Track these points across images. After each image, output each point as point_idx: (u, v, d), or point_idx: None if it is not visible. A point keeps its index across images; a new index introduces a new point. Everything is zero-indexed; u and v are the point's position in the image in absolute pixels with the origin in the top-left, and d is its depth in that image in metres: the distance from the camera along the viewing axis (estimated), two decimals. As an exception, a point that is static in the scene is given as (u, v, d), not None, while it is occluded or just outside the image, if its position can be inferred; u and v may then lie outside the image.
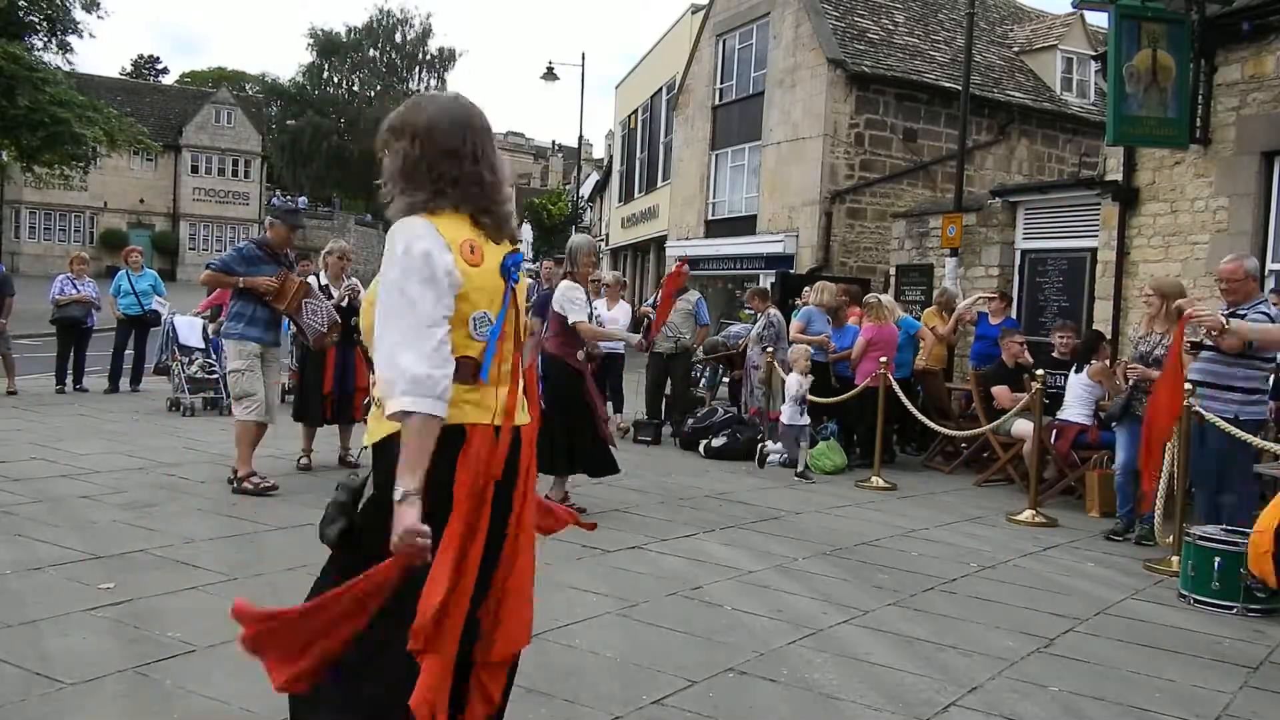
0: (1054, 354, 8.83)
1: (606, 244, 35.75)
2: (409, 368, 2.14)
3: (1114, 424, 6.98)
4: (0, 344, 10.89)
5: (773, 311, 10.38)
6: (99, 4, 26.96)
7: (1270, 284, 8.50)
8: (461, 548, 2.20)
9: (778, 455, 9.21)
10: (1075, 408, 7.94)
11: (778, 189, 18.88)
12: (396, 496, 2.10)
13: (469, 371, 2.28)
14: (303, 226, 7.51)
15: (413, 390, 2.13)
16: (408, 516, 2.08)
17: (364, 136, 56.79)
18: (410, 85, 60.93)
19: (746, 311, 13.02)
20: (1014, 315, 11.07)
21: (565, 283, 6.46)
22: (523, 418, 2.43)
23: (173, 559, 4.89)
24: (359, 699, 2.29)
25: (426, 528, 2.09)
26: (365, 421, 2.41)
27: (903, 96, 17.96)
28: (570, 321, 6.30)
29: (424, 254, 2.21)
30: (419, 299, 2.19)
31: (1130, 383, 6.75)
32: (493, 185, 2.37)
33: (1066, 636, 4.51)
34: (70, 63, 28.50)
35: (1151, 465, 5.92)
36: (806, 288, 11.12)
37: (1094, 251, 10.79)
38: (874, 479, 8.38)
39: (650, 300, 11.27)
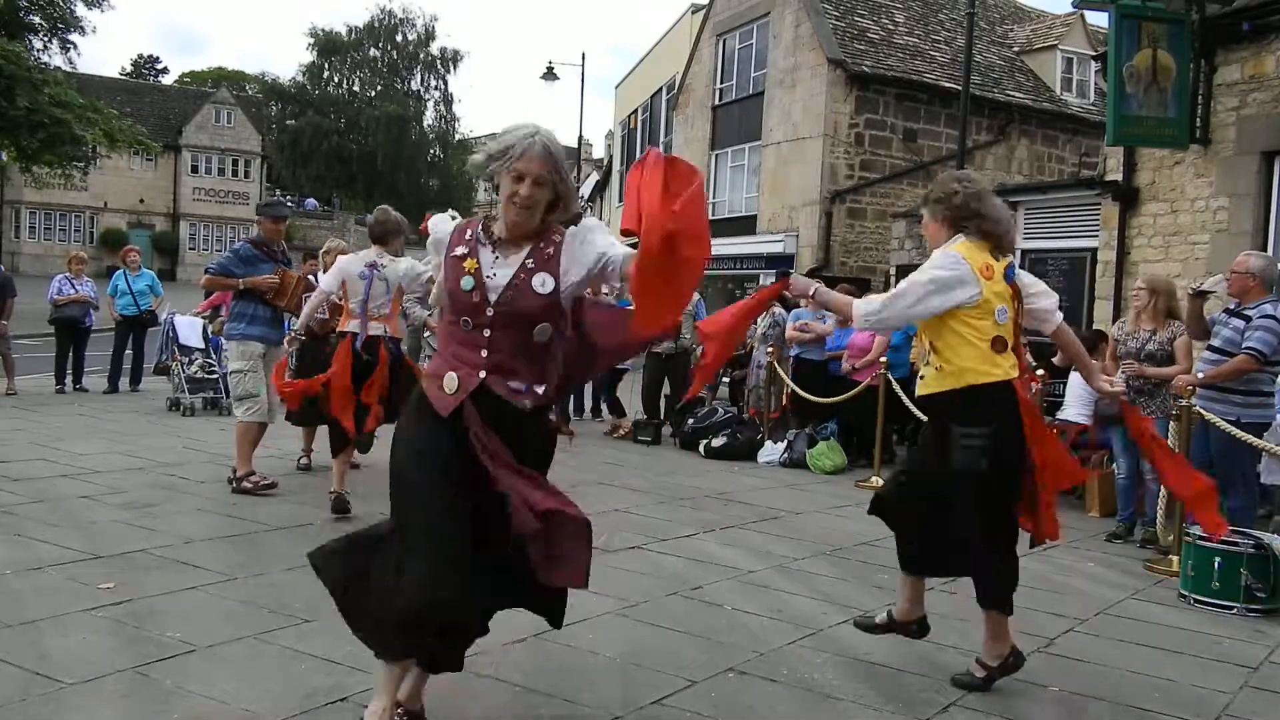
0: (1054, 359, 8.71)
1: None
2: None
3: (1111, 425, 6.96)
4: (1, 344, 10.89)
5: (778, 310, 10.31)
6: None
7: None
8: None
9: (775, 455, 9.21)
10: (1075, 408, 7.93)
11: (778, 189, 18.88)
12: None
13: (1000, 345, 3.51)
14: (286, 215, 7.53)
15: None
16: None
17: (364, 136, 56.82)
18: (412, 86, 60.84)
19: None
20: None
21: None
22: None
23: (173, 559, 4.89)
24: None
25: None
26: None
27: (903, 96, 17.96)
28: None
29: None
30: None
31: (1123, 382, 6.67)
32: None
33: (1066, 636, 4.51)
34: (72, 62, 28.50)
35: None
36: None
37: (1094, 251, 10.79)
38: (874, 479, 8.38)
39: None
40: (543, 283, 2.83)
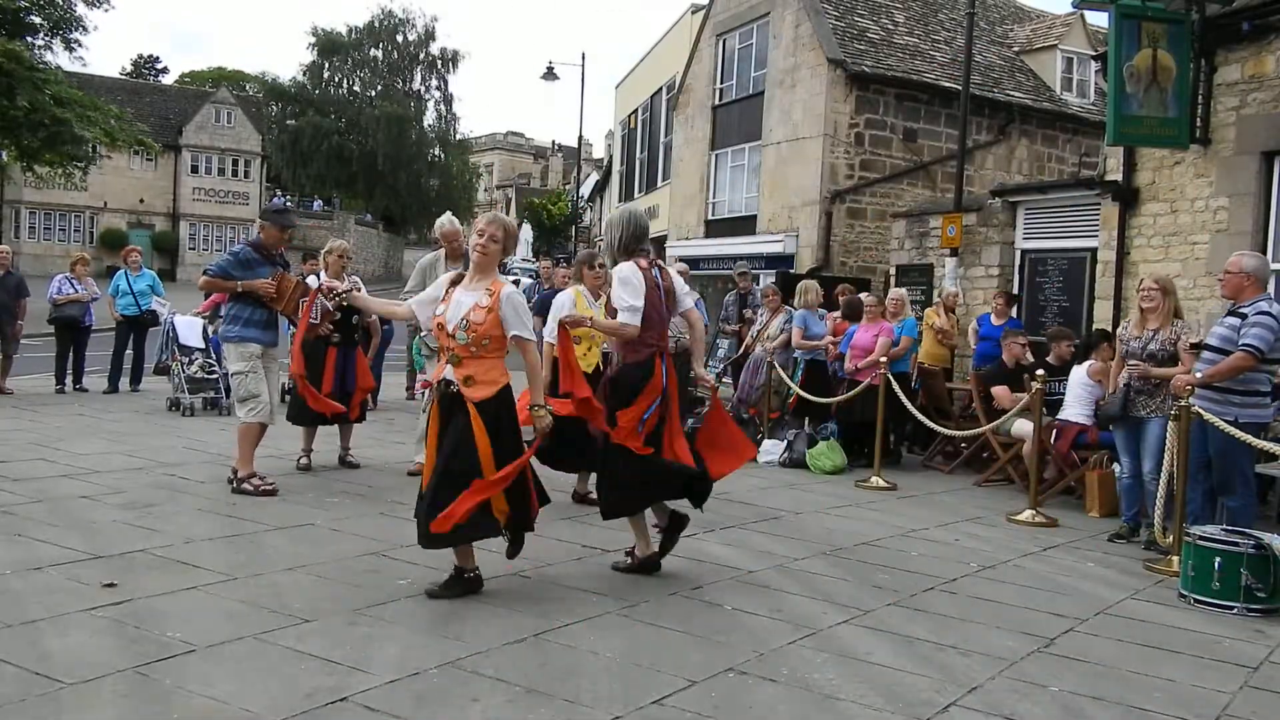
0: (1048, 359, 8.70)
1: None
2: None
3: (1111, 425, 6.93)
4: (9, 345, 10.88)
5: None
6: None
7: (1272, 285, 8.48)
8: None
9: (775, 455, 9.21)
10: (1075, 407, 7.93)
11: (778, 189, 18.87)
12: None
13: None
14: (293, 225, 7.43)
15: None
16: None
17: (364, 136, 56.78)
18: (412, 86, 60.78)
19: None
20: (1015, 315, 11.06)
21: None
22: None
23: (173, 559, 4.89)
24: None
25: None
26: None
27: (903, 96, 17.95)
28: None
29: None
30: None
31: (1125, 382, 6.64)
32: None
33: (1066, 636, 4.51)
34: (81, 59, 28.53)
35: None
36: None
37: (1094, 251, 10.79)
38: (874, 479, 8.38)
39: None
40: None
